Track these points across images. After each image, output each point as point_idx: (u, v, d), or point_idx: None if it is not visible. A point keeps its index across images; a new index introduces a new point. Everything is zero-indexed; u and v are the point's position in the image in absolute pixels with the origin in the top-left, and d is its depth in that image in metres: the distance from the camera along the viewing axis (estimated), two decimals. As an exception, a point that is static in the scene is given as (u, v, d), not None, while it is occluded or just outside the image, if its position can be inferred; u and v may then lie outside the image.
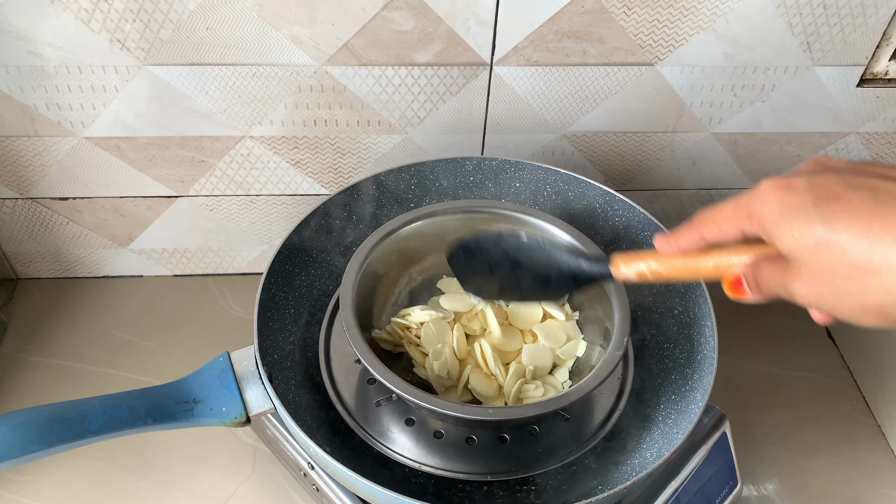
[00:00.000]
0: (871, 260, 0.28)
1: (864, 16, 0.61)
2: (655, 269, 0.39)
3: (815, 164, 0.32)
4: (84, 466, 0.62)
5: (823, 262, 0.29)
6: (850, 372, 0.73)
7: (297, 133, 0.66)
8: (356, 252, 0.53)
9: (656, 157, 0.72)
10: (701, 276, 0.37)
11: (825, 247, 0.29)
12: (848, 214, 0.28)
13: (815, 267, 0.30)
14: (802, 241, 0.29)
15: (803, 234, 0.29)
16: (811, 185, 0.30)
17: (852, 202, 0.29)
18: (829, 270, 0.29)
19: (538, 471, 0.50)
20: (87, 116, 0.63)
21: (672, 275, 0.38)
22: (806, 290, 0.30)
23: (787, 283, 0.31)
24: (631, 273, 0.40)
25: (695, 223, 0.35)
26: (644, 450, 0.52)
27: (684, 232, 0.36)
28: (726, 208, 0.33)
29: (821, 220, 0.29)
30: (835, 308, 0.30)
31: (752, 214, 0.32)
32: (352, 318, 0.49)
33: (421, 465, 0.50)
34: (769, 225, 0.31)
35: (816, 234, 0.29)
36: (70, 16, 0.56)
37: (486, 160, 0.63)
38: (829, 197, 0.29)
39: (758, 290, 0.34)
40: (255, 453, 0.64)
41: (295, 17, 0.57)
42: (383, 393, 0.54)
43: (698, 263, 0.36)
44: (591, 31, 0.60)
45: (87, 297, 0.76)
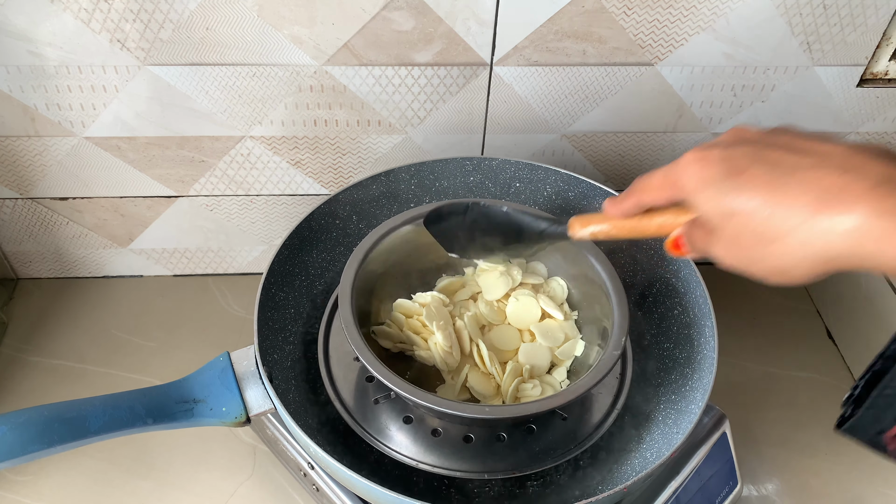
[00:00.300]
0: (769, 228, 0.31)
1: (864, 16, 0.61)
2: (606, 230, 0.43)
3: (732, 135, 0.35)
4: (84, 466, 0.62)
5: (733, 229, 0.32)
6: (850, 372, 0.73)
7: (297, 133, 0.66)
8: (355, 251, 0.53)
9: (656, 157, 0.72)
10: (646, 235, 0.40)
11: (734, 216, 0.32)
12: (752, 186, 0.31)
13: (727, 233, 0.33)
14: (716, 211, 0.33)
15: (716, 204, 0.32)
16: (724, 158, 0.33)
17: (756, 175, 0.31)
18: (738, 237, 0.32)
19: (535, 469, 0.50)
20: (87, 116, 0.63)
21: (622, 234, 0.42)
22: (723, 253, 0.34)
23: (710, 245, 0.35)
24: (586, 234, 0.44)
25: (633, 190, 0.39)
26: (644, 450, 0.52)
27: (625, 198, 0.40)
28: (657, 177, 0.37)
29: (730, 192, 0.32)
30: (748, 269, 0.33)
31: (676, 183, 0.35)
32: (350, 316, 0.49)
33: (418, 463, 0.50)
34: (690, 194, 0.34)
35: (726, 205, 0.32)
36: (70, 16, 0.56)
37: (486, 160, 0.63)
38: (738, 170, 0.32)
39: (692, 249, 0.37)
40: (255, 453, 0.64)
41: (295, 17, 0.57)
42: (381, 391, 0.54)
43: (644, 225, 0.40)
44: (591, 31, 0.60)
45: (87, 297, 0.76)
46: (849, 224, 0.28)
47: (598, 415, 0.54)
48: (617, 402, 0.54)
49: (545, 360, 0.54)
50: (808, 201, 0.30)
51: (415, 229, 0.56)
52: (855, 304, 0.72)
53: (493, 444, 0.52)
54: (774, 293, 0.81)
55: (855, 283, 0.72)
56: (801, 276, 0.31)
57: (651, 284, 0.60)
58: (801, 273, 0.31)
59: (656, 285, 0.60)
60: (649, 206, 0.39)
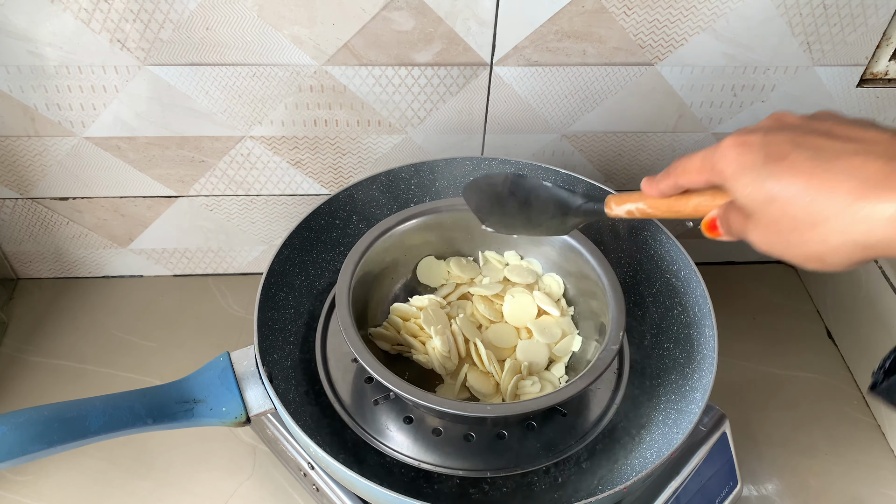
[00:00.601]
0: (810, 214, 0.31)
1: (864, 16, 0.61)
2: (642, 209, 0.43)
3: (773, 121, 0.35)
4: (84, 466, 0.62)
5: (771, 215, 0.32)
6: (850, 372, 0.73)
7: (297, 133, 0.66)
8: (351, 251, 0.53)
9: (656, 157, 0.72)
10: (682, 215, 0.40)
11: (772, 202, 0.32)
12: (792, 173, 0.31)
13: (765, 219, 0.33)
14: (754, 196, 0.33)
15: (755, 189, 0.32)
16: (764, 144, 0.33)
17: (797, 161, 0.31)
18: (776, 223, 0.32)
19: (537, 466, 0.50)
20: (88, 116, 0.63)
21: (657, 213, 0.42)
22: (759, 238, 0.34)
23: (746, 230, 0.35)
24: (622, 212, 0.44)
25: (670, 171, 0.39)
26: (644, 450, 0.52)
27: (663, 178, 0.40)
28: (695, 160, 0.37)
29: (769, 178, 0.32)
30: (784, 255, 0.33)
31: (714, 168, 0.35)
32: (348, 317, 0.49)
33: (420, 463, 0.50)
34: (728, 179, 0.34)
35: (765, 190, 0.32)
36: (70, 16, 0.56)
37: (486, 160, 0.63)
38: (778, 155, 0.32)
39: (728, 232, 0.37)
40: (255, 453, 0.64)
41: (295, 17, 0.57)
42: (381, 392, 0.54)
43: (680, 205, 0.40)
44: (591, 31, 0.60)
45: (87, 297, 0.76)
46: (892, 211, 0.28)
47: (597, 410, 0.54)
48: (615, 397, 0.55)
49: (543, 356, 0.54)
50: (851, 187, 0.29)
51: (409, 229, 0.56)
52: (855, 304, 0.72)
53: (495, 441, 0.52)
54: (774, 293, 0.81)
55: (855, 283, 0.72)
56: (839, 262, 0.31)
57: (651, 284, 0.60)
58: (839, 259, 0.31)
59: (656, 285, 0.60)
60: (686, 188, 0.39)
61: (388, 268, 0.58)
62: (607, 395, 0.55)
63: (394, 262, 0.58)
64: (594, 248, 0.54)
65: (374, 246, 0.54)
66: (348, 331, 0.48)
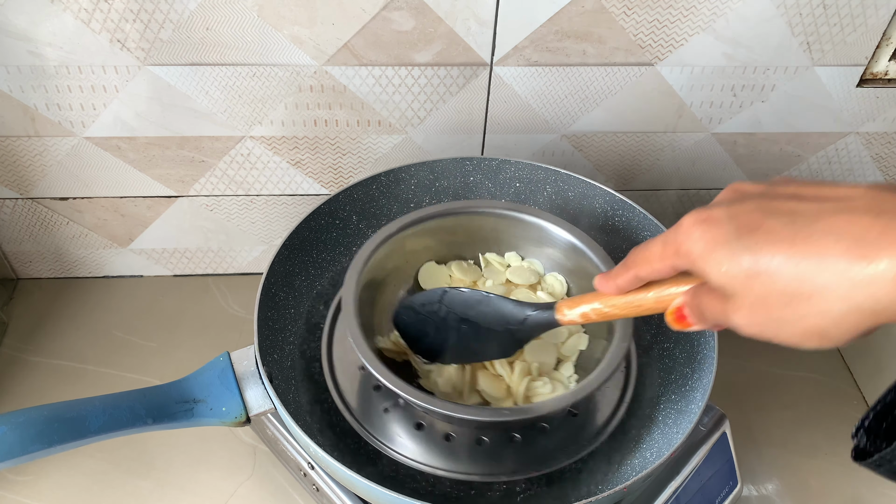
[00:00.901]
0: (802, 284, 0.27)
1: (864, 16, 0.61)
2: (598, 309, 0.39)
3: (731, 192, 0.32)
4: (84, 466, 0.62)
5: (757, 293, 0.29)
6: (850, 372, 0.73)
7: (297, 133, 0.66)
8: (354, 259, 0.53)
9: (656, 157, 0.72)
10: (643, 311, 0.37)
11: (755, 277, 0.28)
12: (771, 242, 0.28)
13: (749, 299, 0.29)
14: (732, 274, 0.29)
15: (731, 266, 0.29)
16: (731, 216, 0.30)
17: (773, 229, 0.28)
18: (763, 301, 0.29)
19: (553, 468, 0.50)
20: (88, 116, 0.63)
21: (615, 313, 0.38)
22: (746, 321, 0.30)
23: (727, 315, 0.31)
24: (576, 317, 0.41)
25: (628, 263, 0.36)
26: (644, 450, 0.52)
27: (620, 272, 0.36)
28: (655, 247, 0.33)
29: (746, 251, 0.29)
30: (778, 336, 0.29)
31: (679, 251, 0.31)
32: (357, 328, 0.48)
33: (435, 470, 0.50)
34: (698, 261, 0.30)
35: (744, 266, 0.29)
36: (70, 16, 0.56)
37: (486, 160, 0.63)
38: (750, 226, 0.29)
39: (702, 319, 0.33)
40: (255, 453, 0.64)
41: (295, 17, 0.57)
42: (390, 399, 0.54)
43: (640, 300, 0.37)
44: (591, 31, 0.60)
45: (87, 297, 0.76)
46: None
47: (608, 409, 0.54)
48: (625, 395, 0.55)
49: (551, 356, 0.54)
50: (843, 249, 0.26)
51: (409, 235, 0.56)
52: (855, 304, 0.72)
53: (507, 445, 0.52)
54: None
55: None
56: (842, 334, 0.28)
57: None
58: (843, 331, 0.27)
59: (656, 285, 0.60)
60: (648, 280, 0.35)
61: (390, 274, 0.57)
62: (616, 393, 0.55)
63: (395, 268, 0.58)
64: (596, 245, 0.54)
65: (376, 253, 0.54)
66: (358, 342, 0.47)
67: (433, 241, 0.59)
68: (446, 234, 0.59)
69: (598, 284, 0.38)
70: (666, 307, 0.36)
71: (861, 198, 0.28)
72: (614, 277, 0.37)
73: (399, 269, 0.58)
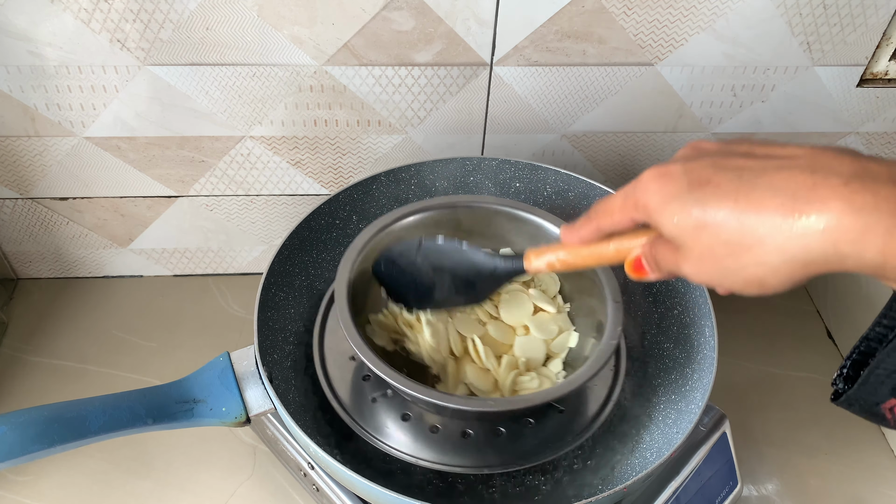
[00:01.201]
0: (743, 236, 0.30)
1: (864, 16, 0.61)
2: (563, 259, 0.42)
3: (690, 149, 0.34)
4: (84, 466, 0.62)
5: (704, 243, 0.31)
6: (850, 372, 0.73)
7: (297, 133, 0.66)
8: (349, 249, 0.53)
9: (656, 157, 0.72)
10: (605, 261, 0.39)
11: (703, 229, 0.31)
12: (718, 196, 0.30)
13: (697, 249, 0.31)
14: (682, 226, 0.31)
15: (682, 218, 0.31)
16: (685, 171, 0.32)
17: (721, 184, 0.30)
18: (710, 251, 0.31)
19: (536, 462, 0.50)
20: (88, 116, 0.63)
21: (579, 262, 0.41)
22: (693, 269, 0.33)
23: (678, 264, 0.33)
24: (542, 264, 0.43)
25: (591, 215, 0.38)
26: (644, 450, 0.52)
27: (583, 224, 0.38)
28: (616, 200, 0.35)
29: (696, 204, 0.31)
30: (722, 283, 0.32)
31: (637, 204, 0.34)
32: (347, 312, 0.49)
33: (417, 460, 0.50)
34: (653, 213, 0.33)
35: (693, 218, 0.31)
36: (70, 16, 0.56)
37: (486, 160, 0.63)
38: (701, 181, 0.31)
39: (657, 269, 0.36)
40: (255, 453, 0.64)
41: (295, 17, 0.57)
42: (378, 389, 0.54)
43: (601, 250, 0.39)
44: (591, 31, 0.60)
45: (87, 297, 0.76)
46: (824, 223, 0.28)
47: (595, 406, 0.54)
48: (612, 394, 0.55)
49: (540, 352, 0.54)
50: (779, 204, 0.29)
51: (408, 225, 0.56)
52: (855, 304, 0.72)
53: (492, 438, 0.52)
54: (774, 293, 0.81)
55: (855, 283, 0.72)
56: (779, 283, 0.30)
57: (651, 284, 0.60)
58: (779, 280, 0.30)
59: (656, 285, 0.60)
60: (609, 232, 0.37)
61: None
62: (604, 391, 0.55)
63: None
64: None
65: (373, 241, 0.54)
66: (349, 328, 0.48)
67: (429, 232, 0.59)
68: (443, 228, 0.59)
69: (563, 235, 0.40)
70: (625, 258, 0.38)
71: (802, 157, 0.30)
72: (578, 229, 0.39)
73: None
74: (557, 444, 0.52)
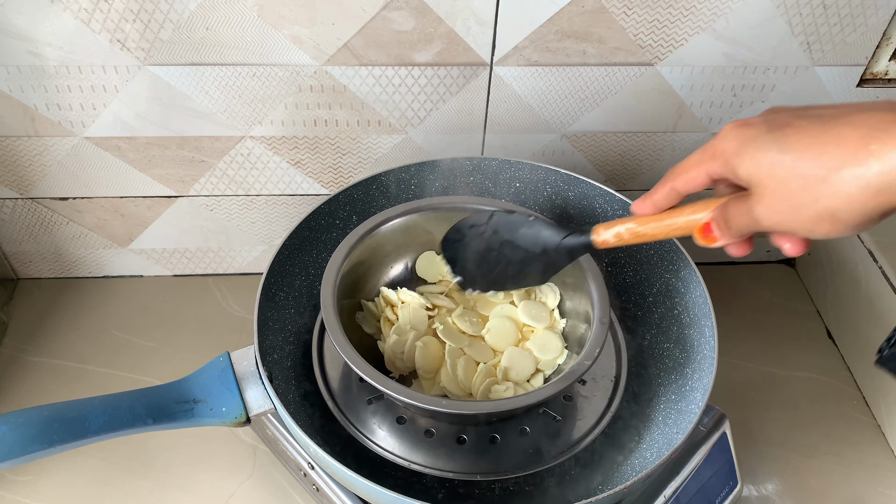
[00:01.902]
0: (819, 168, 0.31)
1: (864, 16, 0.61)
2: (632, 229, 0.41)
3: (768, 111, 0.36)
4: (84, 466, 0.62)
5: (779, 178, 0.32)
6: (850, 372, 0.73)
7: (297, 133, 0.66)
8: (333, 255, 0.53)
9: (656, 157, 0.72)
10: (675, 232, 0.39)
11: (779, 164, 0.32)
12: (798, 135, 0.32)
13: (772, 185, 0.33)
14: (759, 163, 0.33)
15: (760, 156, 0.33)
16: (766, 120, 0.34)
17: (801, 126, 0.32)
18: (784, 185, 0.32)
19: (527, 472, 0.50)
20: (87, 116, 0.63)
21: (649, 233, 0.40)
22: (767, 209, 0.33)
23: (751, 210, 0.34)
24: (610, 236, 0.43)
25: (666, 178, 0.38)
26: (644, 450, 0.52)
27: (658, 188, 0.39)
28: (693, 156, 0.37)
29: (774, 143, 0.32)
30: (794, 222, 0.32)
31: (716, 153, 0.35)
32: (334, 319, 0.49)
33: (410, 464, 0.50)
34: (731, 157, 0.34)
35: (771, 156, 0.32)
36: (70, 16, 0.56)
37: (486, 160, 0.63)
38: (781, 124, 0.33)
39: (727, 229, 0.36)
40: (255, 453, 0.64)
41: (295, 17, 0.57)
42: (373, 391, 0.54)
43: (672, 220, 0.39)
44: (591, 31, 0.60)
45: (87, 297, 0.76)
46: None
47: (592, 418, 0.54)
48: (611, 406, 0.54)
49: (529, 367, 0.54)
50: (858, 135, 0.30)
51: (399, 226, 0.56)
52: (855, 304, 0.72)
53: (487, 445, 0.52)
54: (774, 293, 0.81)
55: (855, 284, 0.72)
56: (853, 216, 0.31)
57: (651, 284, 0.60)
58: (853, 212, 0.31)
59: (656, 285, 0.60)
60: (685, 192, 0.38)
61: (389, 255, 0.58)
62: (603, 403, 0.55)
63: (397, 247, 0.58)
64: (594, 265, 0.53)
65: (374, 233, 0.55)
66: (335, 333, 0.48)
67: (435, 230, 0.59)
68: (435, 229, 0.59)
69: (636, 206, 0.40)
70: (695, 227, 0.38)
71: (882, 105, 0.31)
72: (651, 195, 0.39)
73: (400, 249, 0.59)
74: (552, 453, 0.51)
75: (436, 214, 0.57)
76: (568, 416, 0.54)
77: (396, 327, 0.54)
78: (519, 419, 0.53)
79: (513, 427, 0.53)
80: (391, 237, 0.57)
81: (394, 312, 0.56)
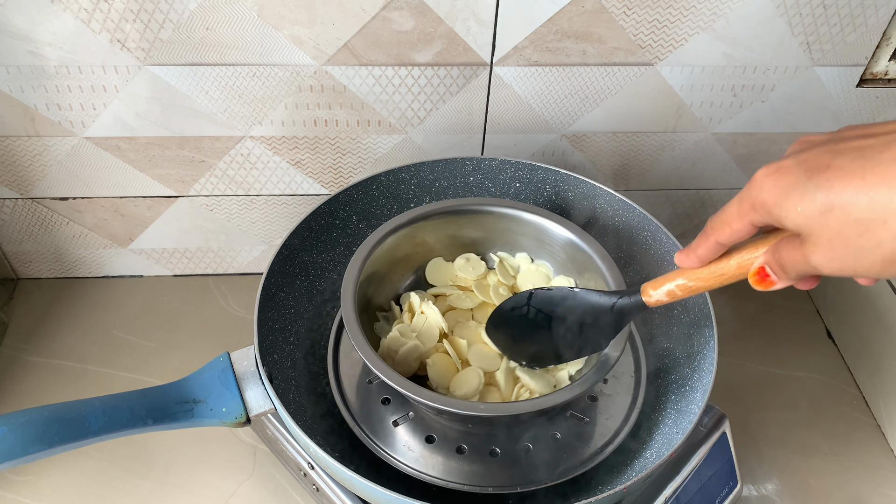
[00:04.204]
0: (875, 211, 0.28)
1: (864, 16, 0.61)
2: (683, 284, 0.40)
3: (799, 145, 0.33)
4: (84, 466, 0.62)
5: (832, 227, 0.30)
6: (850, 372, 0.73)
7: (297, 133, 0.66)
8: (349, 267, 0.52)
9: (656, 157, 0.72)
10: (727, 279, 0.37)
11: (829, 212, 0.30)
12: (841, 177, 0.29)
13: (826, 235, 0.30)
14: (807, 213, 0.30)
15: (806, 206, 0.30)
16: (800, 162, 0.31)
17: (842, 166, 0.30)
18: (840, 234, 0.30)
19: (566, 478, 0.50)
20: (88, 116, 0.63)
21: (700, 286, 0.39)
22: (826, 258, 0.31)
23: (807, 258, 0.32)
24: (662, 295, 0.41)
25: (707, 231, 0.36)
26: (644, 450, 0.52)
27: (700, 242, 0.37)
28: (731, 207, 0.34)
29: (818, 189, 0.30)
30: (859, 267, 0.30)
31: (755, 204, 0.32)
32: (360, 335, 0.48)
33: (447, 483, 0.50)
34: (773, 209, 0.32)
35: (818, 202, 0.30)
36: (70, 16, 0.56)
37: (486, 160, 0.63)
38: (820, 167, 0.30)
39: (784, 274, 0.34)
40: (255, 453, 0.64)
41: (295, 17, 0.57)
42: (400, 412, 0.54)
43: (722, 268, 0.37)
44: (591, 31, 0.60)
45: (87, 297, 0.76)
46: None
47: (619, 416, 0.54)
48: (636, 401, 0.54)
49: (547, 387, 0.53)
50: None
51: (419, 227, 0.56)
52: (855, 304, 0.72)
53: (521, 455, 0.51)
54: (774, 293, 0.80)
55: (855, 283, 0.72)
56: None
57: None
58: None
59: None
60: (729, 244, 0.36)
61: (399, 263, 0.58)
62: (628, 399, 0.55)
63: (404, 257, 0.58)
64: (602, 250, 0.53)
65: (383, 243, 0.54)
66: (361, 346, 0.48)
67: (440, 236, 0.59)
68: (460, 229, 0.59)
69: (680, 260, 0.39)
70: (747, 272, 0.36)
71: None
72: (694, 249, 0.37)
73: (408, 257, 0.58)
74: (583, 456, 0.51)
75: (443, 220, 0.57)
76: (594, 418, 0.54)
77: (401, 327, 0.54)
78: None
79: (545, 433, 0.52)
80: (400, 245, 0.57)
81: (410, 316, 0.56)
